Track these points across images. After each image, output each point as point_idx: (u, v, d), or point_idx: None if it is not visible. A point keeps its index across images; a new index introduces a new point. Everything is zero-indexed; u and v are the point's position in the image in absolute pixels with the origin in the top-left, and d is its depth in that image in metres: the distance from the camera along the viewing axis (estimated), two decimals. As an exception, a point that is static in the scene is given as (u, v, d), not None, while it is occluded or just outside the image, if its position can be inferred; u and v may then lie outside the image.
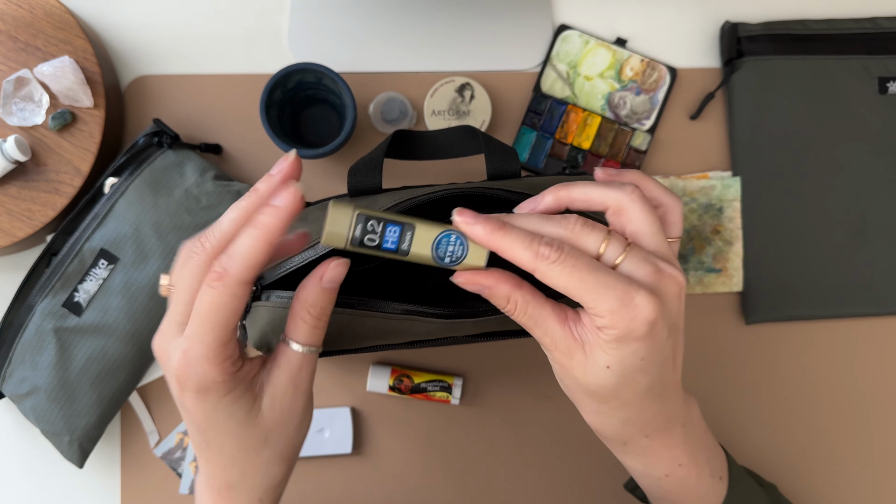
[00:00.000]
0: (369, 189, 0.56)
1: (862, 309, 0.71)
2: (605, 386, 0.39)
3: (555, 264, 0.37)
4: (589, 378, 0.39)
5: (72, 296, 0.62)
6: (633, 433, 0.43)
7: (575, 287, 0.37)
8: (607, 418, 0.42)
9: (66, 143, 0.64)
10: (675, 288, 0.39)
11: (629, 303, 0.37)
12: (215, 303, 0.37)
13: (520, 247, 0.38)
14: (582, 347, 0.39)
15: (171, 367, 0.39)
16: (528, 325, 0.40)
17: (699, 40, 0.72)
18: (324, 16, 0.71)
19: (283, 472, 0.43)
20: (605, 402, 0.41)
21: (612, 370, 0.39)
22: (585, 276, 0.37)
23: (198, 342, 0.38)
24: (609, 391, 0.40)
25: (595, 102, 0.71)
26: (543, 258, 0.37)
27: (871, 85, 0.71)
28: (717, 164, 0.71)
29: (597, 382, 0.39)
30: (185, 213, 0.63)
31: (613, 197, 0.40)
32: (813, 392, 0.71)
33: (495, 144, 0.57)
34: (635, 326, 0.37)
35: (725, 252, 0.70)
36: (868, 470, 0.71)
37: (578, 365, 0.39)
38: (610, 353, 0.38)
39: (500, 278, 0.39)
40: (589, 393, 0.40)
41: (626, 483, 0.56)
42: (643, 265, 0.38)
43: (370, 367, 0.68)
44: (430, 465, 0.69)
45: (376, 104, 0.69)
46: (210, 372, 0.38)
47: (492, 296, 0.40)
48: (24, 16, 0.64)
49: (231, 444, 0.40)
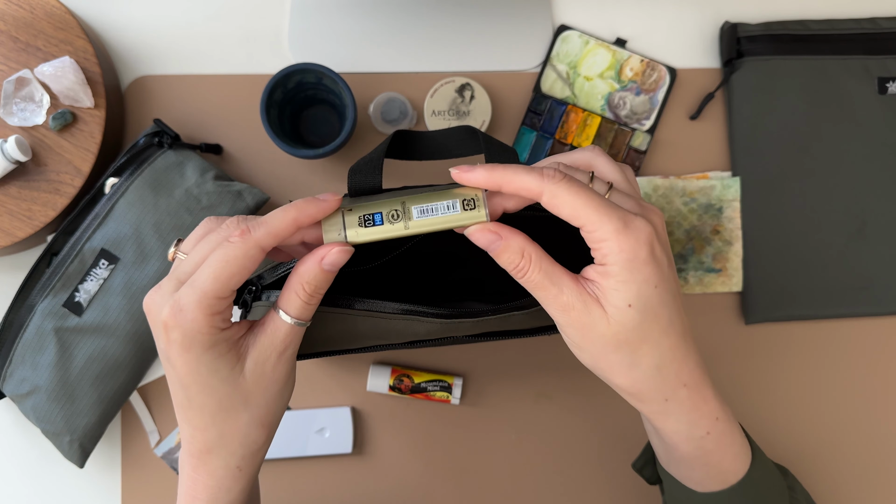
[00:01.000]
0: (369, 189, 0.56)
1: (861, 309, 0.71)
2: (631, 327, 0.40)
3: (562, 183, 0.39)
4: (614, 325, 0.40)
5: (72, 296, 0.62)
6: (672, 382, 0.42)
7: (582, 207, 0.38)
8: (642, 370, 0.41)
9: (67, 144, 0.64)
10: (658, 219, 0.42)
11: (630, 224, 0.39)
12: (227, 255, 0.38)
13: (524, 173, 0.39)
14: (597, 301, 0.40)
15: (161, 316, 0.39)
16: (543, 284, 0.40)
17: (699, 41, 0.72)
18: (324, 16, 0.71)
19: (262, 438, 0.43)
20: (637, 349, 0.41)
21: (633, 307, 0.39)
22: (590, 198, 0.39)
23: (195, 288, 0.38)
24: (637, 332, 0.40)
25: (595, 103, 0.71)
26: (550, 178, 0.39)
27: (870, 85, 0.71)
28: (717, 165, 0.72)
29: (623, 325, 0.40)
30: (185, 213, 0.63)
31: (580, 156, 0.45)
32: (812, 392, 0.71)
33: (495, 145, 0.57)
34: (639, 247, 0.39)
35: (725, 252, 0.70)
36: (868, 470, 0.71)
37: (600, 319, 0.40)
38: (626, 288, 0.39)
39: (514, 230, 0.40)
40: (618, 344, 0.40)
41: (635, 462, 0.55)
42: (627, 200, 0.42)
43: (370, 367, 0.68)
44: (430, 465, 0.69)
45: (376, 104, 0.69)
46: (199, 319, 0.38)
47: (506, 248, 0.40)
48: (25, 16, 0.64)
49: (212, 403, 0.41)
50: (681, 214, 0.70)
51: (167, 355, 0.40)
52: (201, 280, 0.38)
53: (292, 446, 0.67)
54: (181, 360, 0.39)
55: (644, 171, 0.71)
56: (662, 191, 0.70)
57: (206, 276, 0.38)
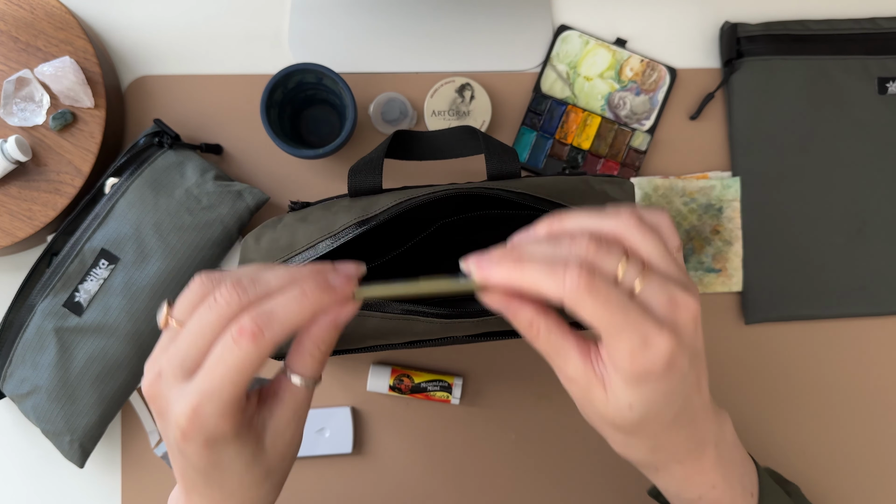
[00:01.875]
0: (369, 189, 0.56)
1: (861, 309, 0.71)
2: (629, 422, 0.38)
3: (583, 291, 0.35)
4: (612, 414, 0.38)
5: (72, 296, 0.62)
6: (664, 459, 0.42)
7: (600, 320, 0.35)
8: (635, 449, 0.41)
9: (67, 144, 0.64)
10: (690, 316, 0.37)
11: (650, 343, 0.35)
12: (242, 363, 0.35)
13: (543, 277, 0.35)
14: (602, 384, 0.38)
15: (174, 417, 0.36)
16: (549, 354, 0.39)
17: (699, 41, 0.73)
18: (324, 16, 0.71)
19: (276, 495, 0.42)
20: (632, 436, 0.40)
21: (634, 409, 0.37)
22: (613, 311, 0.35)
23: (214, 399, 0.35)
24: (634, 426, 0.38)
25: (595, 103, 0.71)
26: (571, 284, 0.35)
27: (870, 85, 0.71)
28: (717, 165, 0.72)
29: (621, 418, 0.38)
30: (185, 213, 0.63)
31: (611, 226, 0.38)
32: (812, 392, 0.71)
33: (495, 145, 0.57)
34: (654, 367, 0.36)
35: (725, 252, 0.70)
36: (868, 470, 0.71)
37: (599, 401, 0.38)
38: (631, 393, 0.37)
39: (524, 301, 0.38)
40: (614, 427, 0.39)
41: (650, 489, 0.55)
42: (659, 294, 0.36)
43: (370, 367, 0.68)
44: (430, 464, 0.69)
45: (376, 104, 0.69)
46: (222, 426, 0.36)
47: (514, 319, 0.38)
48: (25, 16, 0.64)
49: (232, 482, 0.39)
50: (680, 214, 0.70)
51: (181, 449, 0.37)
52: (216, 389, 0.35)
53: (292, 446, 0.67)
54: (199, 456, 0.37)
55: (644, 171, 0.71)
56: (662, 191, 0.70)
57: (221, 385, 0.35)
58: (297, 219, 0.54)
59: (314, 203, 0.56)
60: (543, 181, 0.55)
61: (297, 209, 0.56)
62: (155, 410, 0.38)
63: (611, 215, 0.38)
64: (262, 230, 0.55)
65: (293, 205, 0.56)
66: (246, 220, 0.65)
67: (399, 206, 0.52)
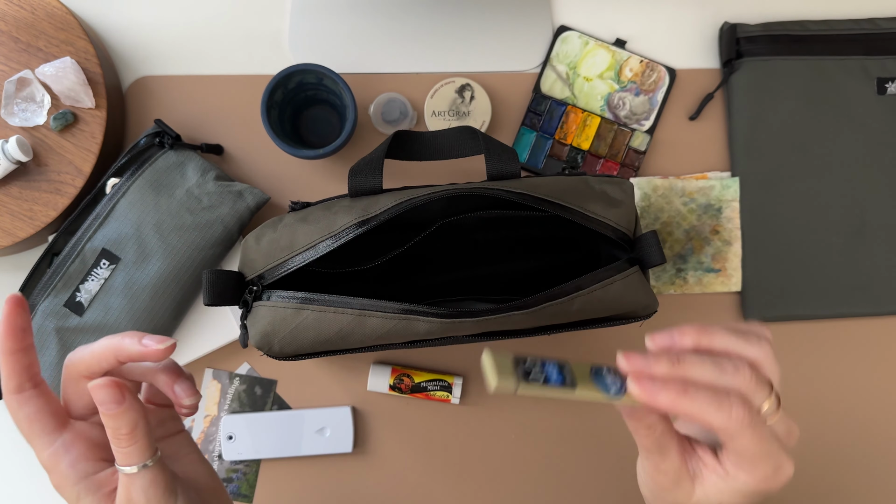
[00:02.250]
0: (370, 189, 0.56)
1: (860, 309, 0.71)
2: None
3: (746, 428, 0.37)
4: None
5: (73, 296, 0.62)
6: None
7: (747, 448, 0.38)
8: None
9: (68, 144, 0.64)
10: (794, 443, 0.42)
11: (780, 469, 0.39)
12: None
13: (712, 410, 0.37)
14: (691, 480, 0.40)
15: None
16: (652, 450, 0.40)
17: (698, 41, 0.73)
18: (324, 17, 0.71)
19: None
20: None
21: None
22: (762, 443, 0.38)
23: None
24: None
25: (594, 103, 0.71)
26: (738, 421, 0.37)
27: (869, 85, 0.71)
28: (716, 165, 0.72)
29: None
30: (186, 213, 0.63)
31: (754, 353, 0.41)
32: (811, 392, 0.71)
33: (495, 145, 0.57)
34: (776, 489, 0.39)
35: (724, 252, 0.70)
36: (868, 470, 0.71)
37: (684, 493, 0.40)
38: (730, 498, 0.40)
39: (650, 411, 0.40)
40: None
41: None
42: (783, 425, 0.41)
43: (370, 367, 0.68)
44: (430, 464, 0.69)
45: (377, 105, 0.69)
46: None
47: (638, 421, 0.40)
48: (26, 17, 0.64)
49: None
50: (680, 214, 0.70)
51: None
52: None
53: (293, 446, 0.67)
54: None
55: (643, 171, 0.72)
56: (662, 191, 0.70)
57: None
58: (298, 219, 0.54)
59: (314, 203, 0.56)
60: (543, 181, 0.55)
61: (298, 209, 0.56)
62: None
63: (753, 343, 0.41)
64: (262, 230, 0.55)
65: (294, 205, 0.57)
66: (246, 220, 0.65)
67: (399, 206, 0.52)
